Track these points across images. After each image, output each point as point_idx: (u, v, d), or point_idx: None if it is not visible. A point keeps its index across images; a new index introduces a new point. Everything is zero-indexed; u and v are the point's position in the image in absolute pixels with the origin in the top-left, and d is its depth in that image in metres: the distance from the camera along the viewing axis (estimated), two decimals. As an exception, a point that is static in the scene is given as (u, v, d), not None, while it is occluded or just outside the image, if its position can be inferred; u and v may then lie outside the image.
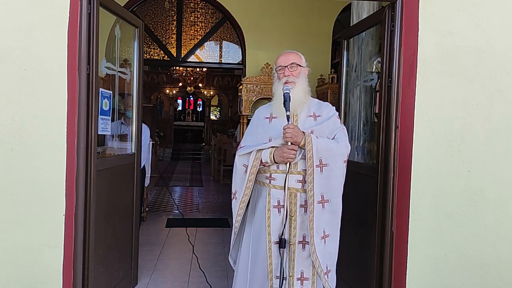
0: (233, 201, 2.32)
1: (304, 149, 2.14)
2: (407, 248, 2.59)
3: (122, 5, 3.90)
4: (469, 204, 2.59)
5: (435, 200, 2.59)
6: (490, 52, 2.57)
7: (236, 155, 2.30)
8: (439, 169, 2.58)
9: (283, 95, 2.13)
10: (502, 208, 2.61)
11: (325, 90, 6.34)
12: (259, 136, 2.30)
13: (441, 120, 2.57)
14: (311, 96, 2.35)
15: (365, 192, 2.92)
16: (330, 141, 2.21)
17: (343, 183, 2.25)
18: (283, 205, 2.16)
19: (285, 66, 2.24)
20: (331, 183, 2.18)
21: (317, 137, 2.17)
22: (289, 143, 2.10)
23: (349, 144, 2.26)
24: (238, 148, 2.34)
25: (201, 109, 18.81)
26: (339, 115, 2.41)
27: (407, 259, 2.59)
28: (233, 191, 2.34)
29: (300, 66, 2.27)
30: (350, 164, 3.26)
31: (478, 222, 2.60)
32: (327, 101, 6.14)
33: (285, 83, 2.20)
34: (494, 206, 2.60)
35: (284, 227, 2.11)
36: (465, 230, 2.60)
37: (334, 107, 2.38)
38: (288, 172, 2.13)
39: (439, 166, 2.58)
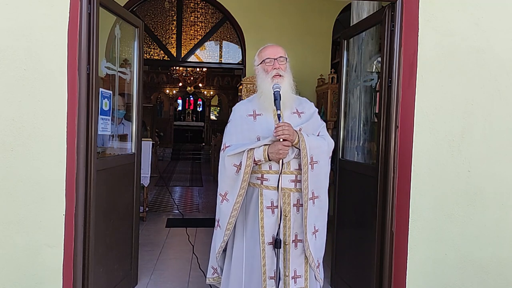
0: (224, 203, 2.22)
1: (296, 148, 2.13)
2: (407, 248, 2.58)
3: (122, 5, 3.90)
4: (469, 204, 2.59)
5: (435, 200, 2.59)
6: (490, 52, 2.57)
7: (225, 156, 2.19)
8: (439, 169, 2.58)
9: (273, 93, 2.09)
10: (502, 208, 2.60)
11: (325, 90, 6.35)
12: (245, 135, 2.21)
13: (441, 120, 2.57)
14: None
15: (365, 192, 2.92)
16: (318, 139, 2.22)
17: (328, 179, 2.30)
18: (277, 206, 2.15)
19: (274, 59, 2.19)
20: (320, 180, 2.20)
21: (307, 135, 2.17)
22: (281, 139, 2.06)
23: (332, 140, 2.30)
24: (224, 147, 2.24)
25: (201, 109, 18.82)
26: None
27: (407, 259, 2.59)
28: (221, 192, 2.23)
29: (287, 60, 2.24)
30: (350, 164, 3.28)
31: (478, 222, 2.60)
32: (327, 101, 6.16)
33: (275, 76, 2.16)
34: (494, 206, 2.60)
35: (279, 227, 2.10)
36: (465, 230, 2.60)
37: (312, 103, 2.38)
38: (281, 172, 2.10)
39: (439, 166, 2.58)
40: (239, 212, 2.24)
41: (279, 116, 2.06)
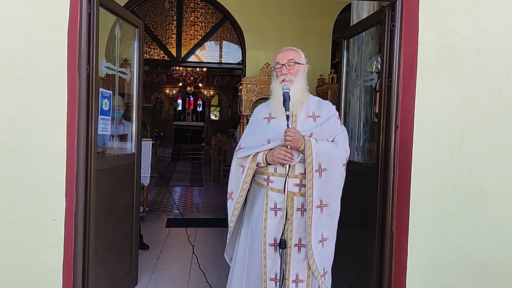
0: (229, 201, 2.32)
1: (303, 153, 2.11)
2: (407, 248, 2.59)
3: (122, 5, 3.90)
4: (469, 204, 2.59)
5: (435, 200, 2.59)
6: (490, 52, 2.57)
7: (235, 157, 2.28)
8: (439, 169, 2.58)
9: (283, 94, 2.08)
10: (502, 208, 2.60)
11: (325, 90, 6.35)
12: (258, 137, 2.26)
13: (441, 120, 2.57)
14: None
15: (365, 192, 2.91)
16: (329, 145, 2.17)
17: (342, 186, 2.23)
18: (280, 208, 2.15)
19: (283, 64, 2.20)
20: (329, 187, 2.15)
21: (316, 140, 2.13)
22: (288, 146, 2.05)
23: (348, 148, 2.23)
24: (237, 149, 2.31)
25: (201, 109, 18.82)
26: (339, 115, 2.38)
27: (407, 259, 2.59)
28: (229, 191, 2.33)
29: (299, 63, 2.22)
30: (350, 164, 3.25)
31: (478, 222, 2.60)
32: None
33: (282, 81, 2.16)
34: (494, 206, 2.60)
35: (284, 228, 2.09)
36: (465, 230, 2.60)
37: (334, 106, 2.33)
38: (287, 175, 2.08)
39: (439, 166, 2.58)
40: (245, 210, 2.32)
41: (287, 117, 2.03)
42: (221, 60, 7.40)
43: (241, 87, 6.18)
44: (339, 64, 3.68)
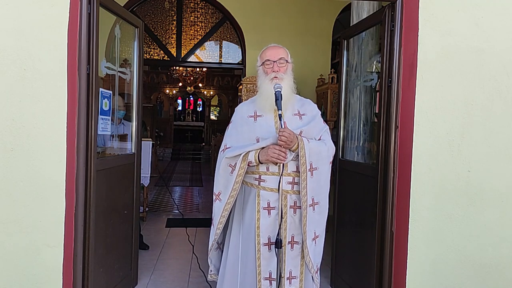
0: (216, 203, 2.25)
1: (295, 152, 2.11)
2: (407, 248, 2.59)
3: (122, 5, 3.90)
4: (469, 204, 2.59)
5: (435, 200, 2.59)
6: (490, 52, 2.57)
7: (223, 157, 2.21)
8: (439, 169, 2.58)
9: (275, 93, 2.07)
10: (502, 208, 2.60)
11: (325, 90, 6.35)
12: (245, 136, 2.22)
13: (441, 120, 2.57)
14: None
15: (365, 192, 2.92)
16: (319, 144, 2.19)
17: (329, 184, 2.27)
18: (273, 207, 2.15)
19: (274, 61, 2.19)
20: (320, 186, 2.18)
21: (308, 140, 2.14)
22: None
23: (333, 146, 2.27)
24: (224, 148, 2.25)
25: (201, 109, 18.83)
26: (328, 115, 2.39)
27: (407, 259, 2.59)
28: (216, 192, 2.26)
29: (288, 62, 2.22)
30: (350, 164, 3.28)
31: (478, 222, 2.60)
32: (327, 101, 6.16)
33: (274, 78, 2.15)
34: (494, 206, 2.60)
35: (280, 227, 2.10)
36: (465, 230, 2.60)
37: (315, 105, 2.36)
38: (282, 174, 2.09)
39: (439, 166, 2.58)
40: (234, 212, 2.28)
41: (280, 117, 2.04)
42: (221, 60, 7.42)
43: (241, 87, 6.19)
44: (339, 64, 3.68)
